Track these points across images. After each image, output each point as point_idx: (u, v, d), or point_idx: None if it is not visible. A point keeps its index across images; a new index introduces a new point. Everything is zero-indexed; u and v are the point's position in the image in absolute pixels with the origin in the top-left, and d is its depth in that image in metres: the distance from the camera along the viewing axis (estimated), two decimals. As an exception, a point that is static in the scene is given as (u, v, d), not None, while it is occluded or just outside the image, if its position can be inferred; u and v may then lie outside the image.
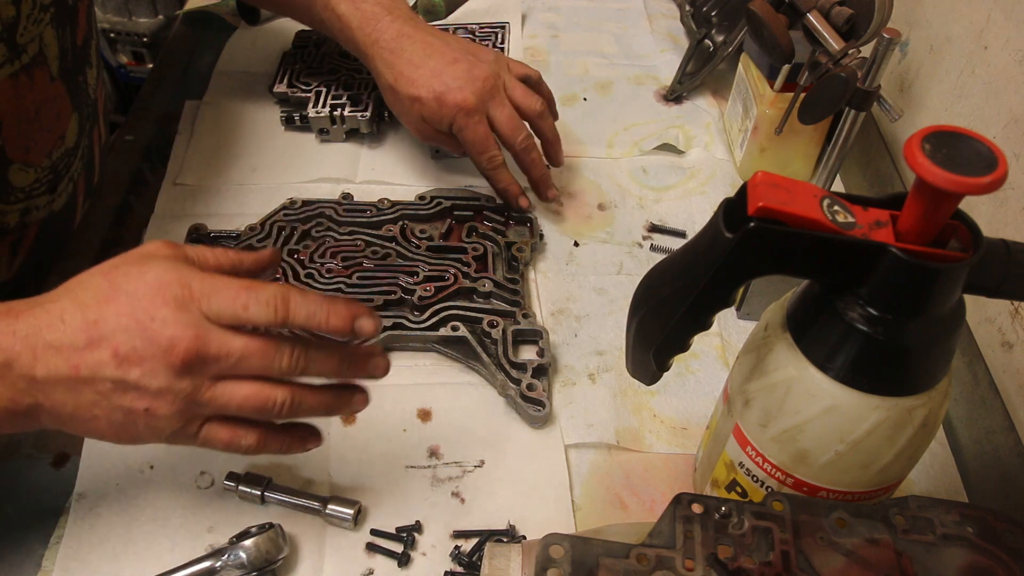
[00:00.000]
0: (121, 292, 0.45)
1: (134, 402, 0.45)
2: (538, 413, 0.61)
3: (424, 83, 0.72)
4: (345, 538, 0.55)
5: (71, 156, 0.64)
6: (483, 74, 0.73)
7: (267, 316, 0.46)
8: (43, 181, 0.61)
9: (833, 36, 0.65)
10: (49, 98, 0.60)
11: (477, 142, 0.73)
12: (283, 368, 0.47)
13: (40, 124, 0.60)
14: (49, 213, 0.63)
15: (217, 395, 0.46)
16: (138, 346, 0.44)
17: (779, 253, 0.38)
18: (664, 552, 0.40)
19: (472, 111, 0.72)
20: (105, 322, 0.45)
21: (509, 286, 0.69)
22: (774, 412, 0.44)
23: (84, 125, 0.66)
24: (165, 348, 0.44)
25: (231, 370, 0.46)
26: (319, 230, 0.73)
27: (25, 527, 0.56)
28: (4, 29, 0.54)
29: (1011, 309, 0.65)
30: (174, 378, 0.45)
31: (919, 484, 0.60)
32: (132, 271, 0.46)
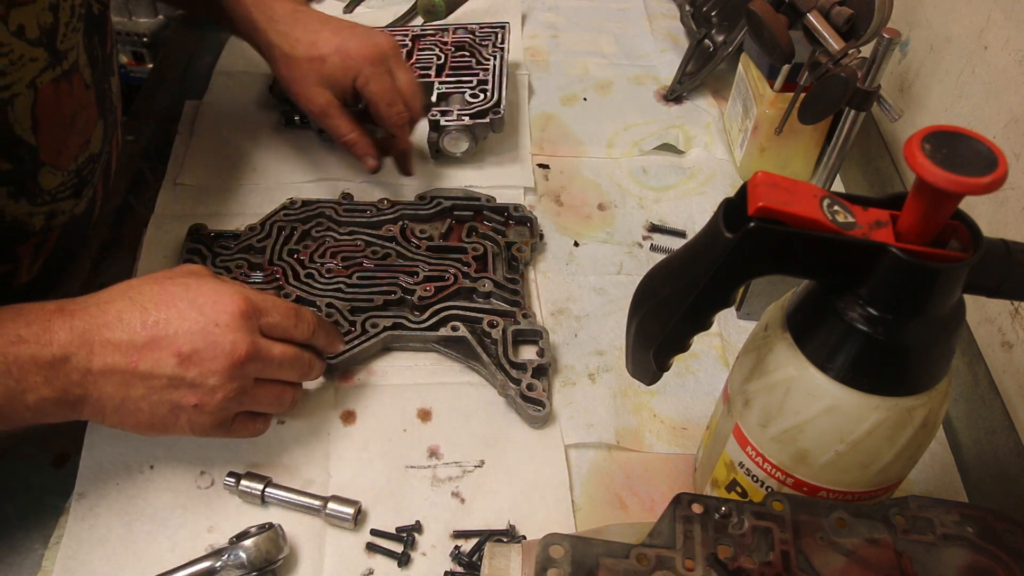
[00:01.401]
0: (180, 299, 0.51)
1: (184, 398, 0.51)
2: (538, 413, 0.61)
3: (325, 42, 0.72)
4: (345, 538, 0.55)
5: (95, 162, 0.66)
6: (383, 36, 0.74)
7: (305, 335, 0.57)
8: (68, 185, 0.62)
9: (833, 36, 0.65)
10: (83, 105, 0.62)
11: (385, 93, 0.73)
12: (302, 374, 0.57)
13: (74, 129, 0.61)
14: (71, 218, 0.64)
15: (256, 394, 0.54)
16: (200, 347, 0.50)
17: (779, 253, 0.38)
18: (664, 552, 0.40)
19: (378, 62, 0.72)
20: (168, 323, 0.50)
21: (509, 286, 0.69)
22: (774, 412, 0.44)
23: (107, 132, 0.67)
24: (228, 351, 0.51)
25: (271, 374, 0.55)
26: (319, 230, 0.73)
27: (25, 527, 0.56)
28: (43, 34, 0.55)
29: (1011, 309, 0.65)
30: (228, 378, 0.51)
31: (919, 484, 0.60)
32: (190, 282, 0.53)
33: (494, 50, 0.89)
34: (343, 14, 1.05)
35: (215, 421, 0.53)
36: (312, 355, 0.58)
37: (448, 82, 0.85)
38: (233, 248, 0.71)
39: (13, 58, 0.53)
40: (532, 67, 0.98)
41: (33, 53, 0.54)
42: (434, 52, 0.89)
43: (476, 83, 0.84)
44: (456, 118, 0.79)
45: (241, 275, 0.69)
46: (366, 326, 0.65)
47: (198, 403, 0.51)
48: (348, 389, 0.64)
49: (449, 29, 0.93)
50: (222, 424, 0.54)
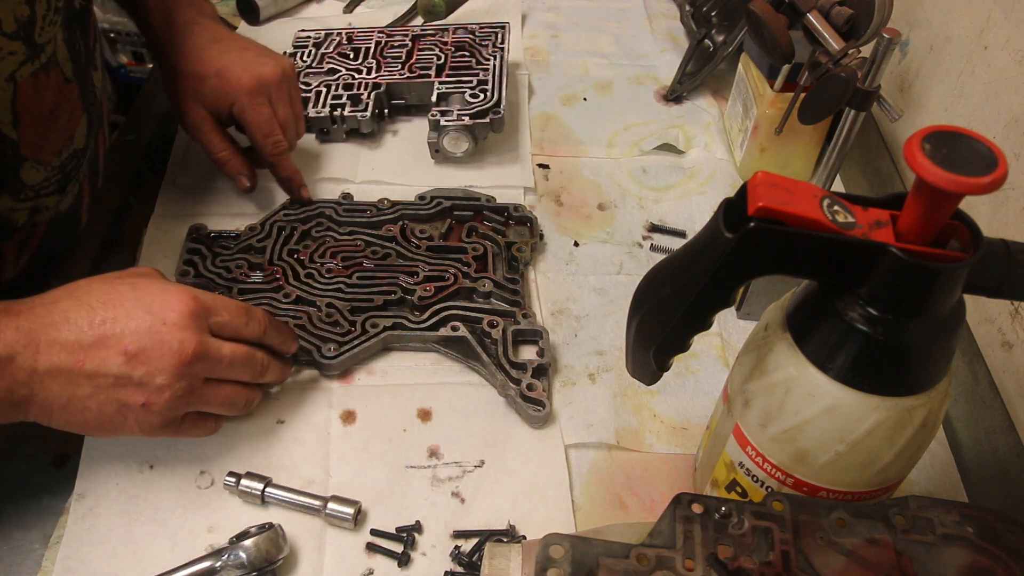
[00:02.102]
0: (128, 298, 0.51)
1: (131, 397, 0.50)
2: (538, 413, 0.61)
3: (208, 62, 0.71)
4: (345, 538, 0.55)
5: (79, 157, 0.65)
6: (271, 64, 0.73)
7: (256, 333, 0.57)
8: (52, 181, 0.62)
9: (833, 36, 0.65)
10: (64, 99, 0.61)
11: (261, 124, 0.72)
12: (255, 374, 0.57)
13: (54, 124, 0.61)
14: (56, 214, 0.64)
15: (206, 393, 0.54)
16: (147, 346, 0.50)
17: (779, 253, 0.38)
18: (664, 552, 0.40)
19: (256, 92, 0.71)
20: (115, 322, 0.50)
21: (509, 286, 0.69)
22: (774, 412, 0.44)
23: (92, 127, 0.67)
24: (175, 350, 0.51)
25: (221, 374, 0.55)
26: (319, 230, 0.73)
27: (25, 527, 0.56)
28: (20, 28, 0.55)
29: (1011, 309, 0.65)
30: (176, 377, 0.51)
31: (919, 484, 0.60)
32: (138, 282, 0.53)
33: (494, 50, 0.89)
34: (343, 14, 1.05)
35: (163, 421, 0.53)
36: (267, 356, 0.58)
37: (448, 82, 0.85)
38: (233, 248, 0.71)
39: None
40: (532, 67, 0.98)
41: (11, 47, 0.54)
42: (434, 52, 0.89)
43: (476, 83, 0.84)
44: (456, 118, 0.79)
45: (241, 275, 0.69)
46: (366, 326, 0.65)
47: (146, 402, 0.51)
48: (348, 389, 0.64)
49: (449, 29, 0.93)
50: (171, 424, 0.53)
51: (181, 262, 0.70)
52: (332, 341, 0.64)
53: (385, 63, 0.89)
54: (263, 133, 0.72)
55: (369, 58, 0.89)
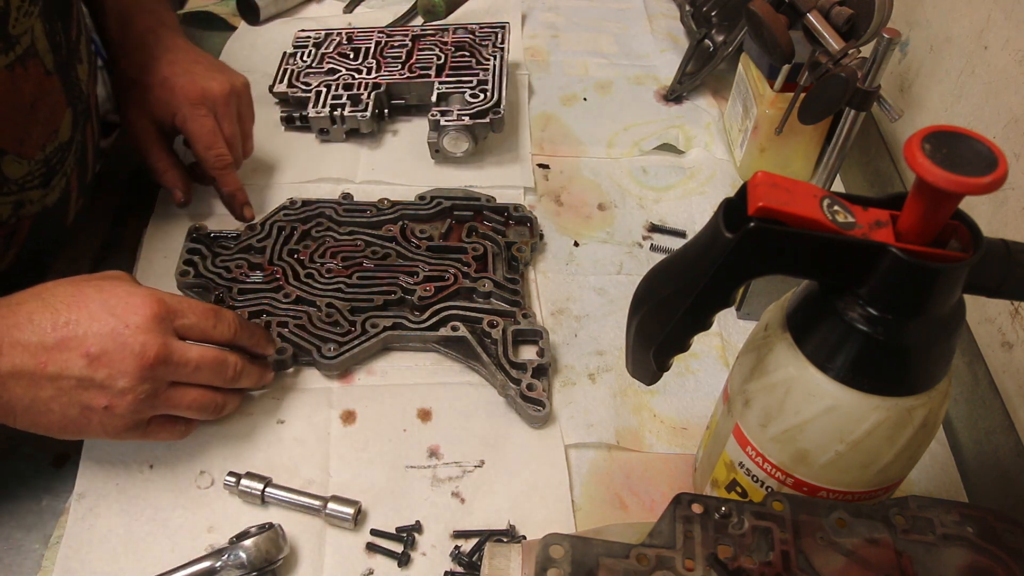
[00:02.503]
0: (92, 300, 0.51)
1: (94, 399, 0.50)
2: (538, 413, 0.61)
3: (156, 71, 0.71)
4: (345, 538, 0.55)
5: (65, 151, 0.65)
6: (220, 79, 0.72)
7: (226, 336, 0.57)
8: (36, 175, 0.61)
9: (833, 36, 0.65)
10: (45, 92, 0.61)
11: (203, 135, 0.70)
12: (226, 379, 0.56)
13: (35, 117, 0.60)
14: (43, 208, 0.64)
15: (171, 397, 0.54)
16: (109, 348, 0.50)
17: (779, 253, 0.38)
18: (664, 552, 0.40)
19: (199, 103, 0.70)
20: (78, 324, 0.50)
21: (509, 286, 0.69)
22: (774, 412, 0.44)
23: (78, 120, 0.66)
24: (137, 352, 0.50)
25: (186, 378, 0.54)
26: (319, 230, 0.73)
27: (25, 527, 0.56)
28: None
29: (1011, 309, 0.65)
30: (138, 380, 0.51)
31: (919, 484, 0.60)
32: (103, 285, 0.52)
33: (494, 50, 0.89)
34: (343, 14, 1.05)
35: (127, 424, 0.52)
36: (241, 359, 0.57)
37: (448, 82, 0.85)
38: (233, 248, 0.71)
39: None
40: (532, 67, 0.98)
41: None
42: (434, 52, 0.89)
43: (476, 83, 0.84)
44: (456, 118, 0.79)
45: (241, 275, 0.69)
46: (366, 326, 0.65)
47: (108, 405, 0.51)
48: (348, 389, 0.64)
49: (449, 29, 0.93)
50: (136, 426, 0.53)
51: (181, 262, 0.70)
52: (332, 341, 0.64)
53: (385, 63, 0.89)
54: (204, 145, 0.71)
55: (369, 58, 0.89)
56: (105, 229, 0.76)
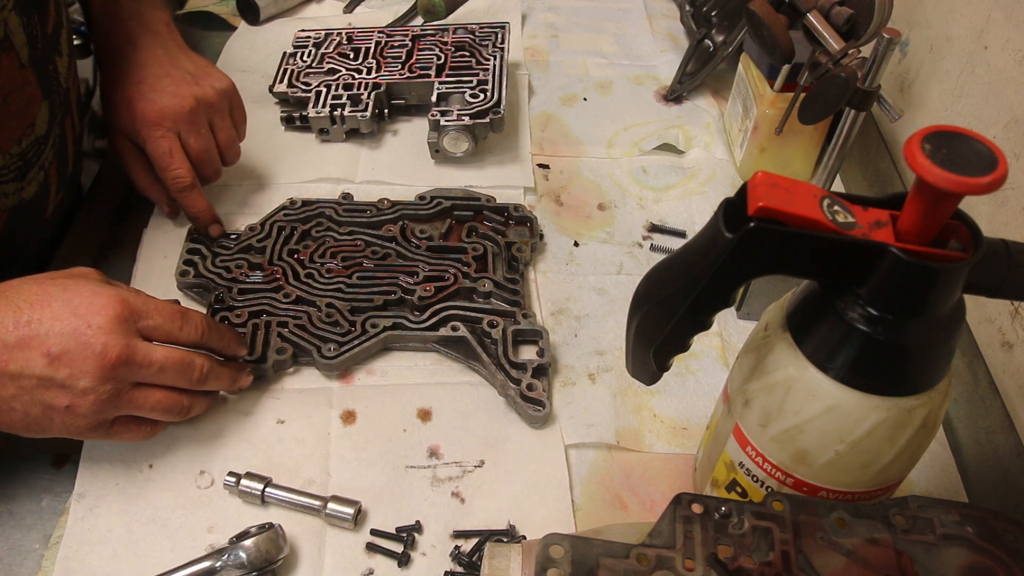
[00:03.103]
0: (56, 299, 0.50)
1: (56, 399, 0.50)
2: (538, 413, 0.61)
3: (123, 89, 0.69)
4: (345, 538, 0.55)
5: (42, 144, 0.64)
6: (181, 95, 0.69)
7: (192, 338, 0.56)
8: (12, 168, 0.61)
9: (833, 36, 0.65)
10: (18, 85, 0.60)
11: (158, 158, 0.69)
12: (192, 381, 0.56)
13: (8, 110, 0.60)
14: (19, 201, 0.63)
15: (134, 398, 0.53)
16: (71, 348, 0.49)
17: (779, 253, 0.38)
18: (664, 552, 0.40)
19: (155, 125, 0.68)
20: (40, 323, 0.49)
21: (509, 286, 0.69)
22: (774, 412, 0.44)
23: (55, 114, 0.66)
24: (98, 353, 0.50)
25: (150, 379, 0.54)
26: (319, 230, 0.73)
27: (25, 527, 0.56)
28: None
29: (1011, 309, 0.65)
30: (100, 381, 0.50)
31: (919, 484, 0.60)
32: (68, 284, 0.52)
33: (494, 50, 0.89)
34: (343, 14, 1.05)
35: (90, 424, 0.52)
36: (210, 362, 0.57)
37: (448, 82, 0.85)
38: (233, 248, 0.72)
39: None
40: (532, 67, 0.98)
41: None
42: (434, 52, 0.89)
43: (476, 83, 0.84)
44: (456, 118, 0.79)
45: (241, 275, 0.69)
46: (366, 326, 0.65)
47: (70, 404, 0.50)
48: (348, 389, 0.64)
49: (449, 29, 0.93)
50: (99, 426, 0.53)
51: (181, 262, 0.70)
52: (332, 341, 0.64)
53: (385, 63, 0.89)
54: (160, 167, 0.70)
55: (369, 58, 0.89)
56: (105, 229, 0.76)
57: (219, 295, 0.67)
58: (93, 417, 0.52)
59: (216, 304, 0.67)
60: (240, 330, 0.64)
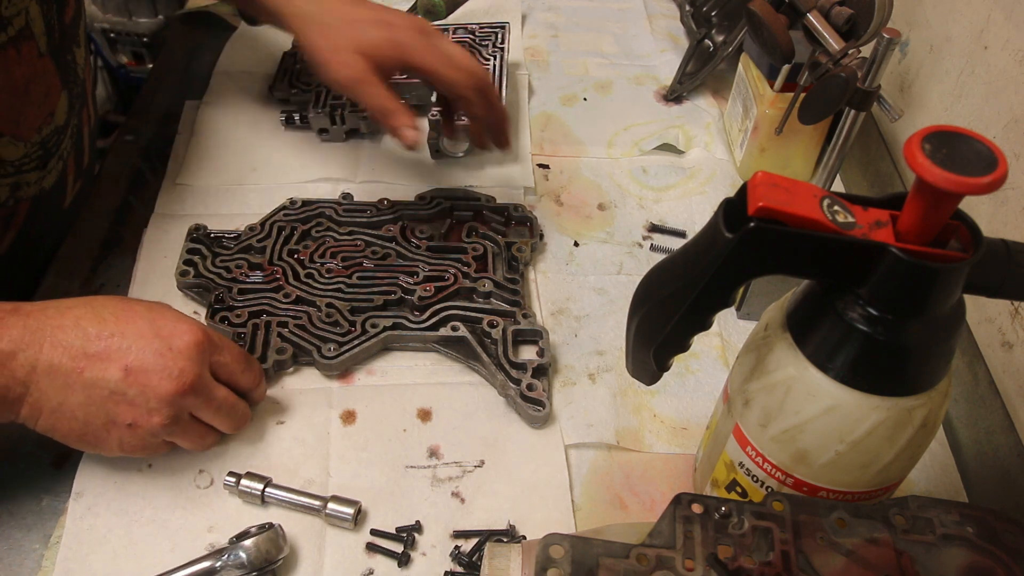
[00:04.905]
0: (141, 317, 0.51)
1: (121, 414, 0.51)
2: (538, 413, 0.61)
3: (362, 11, 0.67)
4: (345, 538, 0.55)
5: (61, 134, 0.65)
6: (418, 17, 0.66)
7: (250, 384, 0.58)
8: (33, 157, 0.61)
9: (833, 36, 0.65)
10: (38, 73, 0.60)
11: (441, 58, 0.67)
12: (230, 426, 0.57)
13: (29, 99, 0.60)
14: (40, 190, 0.64)
15: (187, 429, 0.54)
16: (149, 366, 0.50)
17: (779, 253, 0.38)
18: (664, 552, 0.40)
19: (422, 33, 0.67)
20: (123, 336, 0.50)
21: (509, 286, 0.69)
22: (774, 412, 0.44)
23: (74, 104, 0.66)
24: (175, 376, 0.51)
25: (206, 414, 0.55)
26: (319, 230, 0.73)
27: (25, 527, 0.56)
28: None
29: (1011, 309, 0.65)
30: (168, 404, 0.51)
31: (919, 484, 0.60)
32: (152, 305, 0.53)
33: (494, 50, 0.89)
34: (343, 14, 1.05)
35: (144, 444, 0.53)
36: (247, 409, 0.59)
37: (448, 82, 0.85)
38: (233, 248, 0.71)
39: None
40: (532, 67, 0.98)
41: None
42: (434, 52, 0.89)
43: (476, 83, 0.84)
44: (456, 118, 0.79)
45: (241, 275, 0.69)
46: (366, 326, 0.65)
47: (133, 422, 0.51)
48: (348, 389, 0.64)
49: (449, 29, 0.93)
50: (147, 448, 0.54)
51: (181, 262, 0.70)
52: (332, 341, 0.64)
53: (385, 63, 0.88)
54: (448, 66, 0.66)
55: (369, 58, 0.89)
56: (105, 229, 0.76)
57: (219, 295, 0.67)
58: (149, 439, 0.53)
59: (216, 304, 0.67)
60: (240, 330, 0.64)
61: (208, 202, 0.78)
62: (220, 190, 0.79)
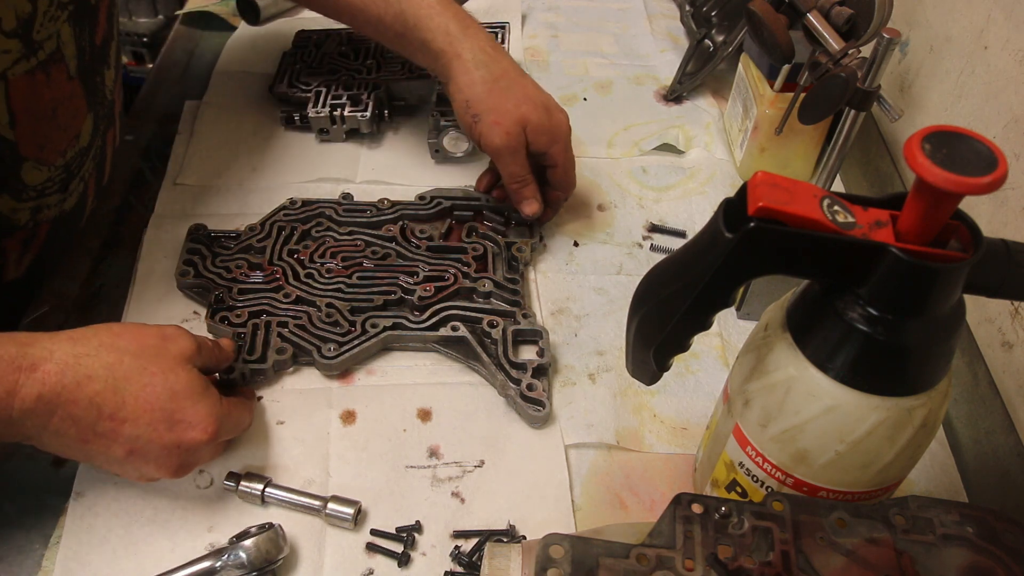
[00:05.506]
0: (159, 409, 0.51)
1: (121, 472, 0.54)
2: (538, 413, 0.61)
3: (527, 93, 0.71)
4: (345, 538, 0.55)
5: (84, 156, 0.65)
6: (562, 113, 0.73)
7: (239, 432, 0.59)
8: (56, 180, 0.61)
9: (833, 36, 0.65)
10: (66, 96, 0.60)
11: (571, 161, 0.73)
12: None
13: (56, 123, 0.60)
14: (60, 212, 0.64)
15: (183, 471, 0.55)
16: (153, 455, 0.52)
17: (779, 253, 0.38)
18: (664, 552, 0.40)
19: (567, 132, 0.72)
20: (136, 423, 0.50)
21: (509, 286, 0.69)
22: (774, 412, 0.44)
23: (99, 125, 0.66)
24: (176, 467, 0.53)
25: None
26: (319, 230, 0.73)
27: (25, 527, 0.56)
28: (20, 25, 0.54)
29: (1011, 309, 0.65)
30: (163, 475, 0.53)
31: (919, 484, 0.60)
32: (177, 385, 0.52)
33: (494, 50, 0.89)
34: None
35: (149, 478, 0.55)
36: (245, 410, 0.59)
37: (448, 82, 0.85)
38: (233, 248, 0.71)
39: None
40: (532, 67, 0.98)
41: (7, 45, 0.53)
42: (434, 52, 0.89)
43: (476, 83, 0.84)
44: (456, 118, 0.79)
45: (241, 275, 0.69)
46: (366, 326, 0.65)
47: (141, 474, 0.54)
48: (348, 389, 0.64)
49: (449, 29, 0.93)
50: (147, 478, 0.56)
51: (181, 262, 0.70)
52: (332, 341, 0.64)
53: (385, 63, 0.89)
54: (567, 168, 0.73)
55: (369, 58, 0.89)
56: (105, 229, 0.76)
57: (219, 295, 0.67)
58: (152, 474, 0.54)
59: (216, 304, 0.67)
60: (240, 330, 0.64)
61: (208, 202, 0.78)
62: (220, 190, 0.79)
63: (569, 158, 0.73)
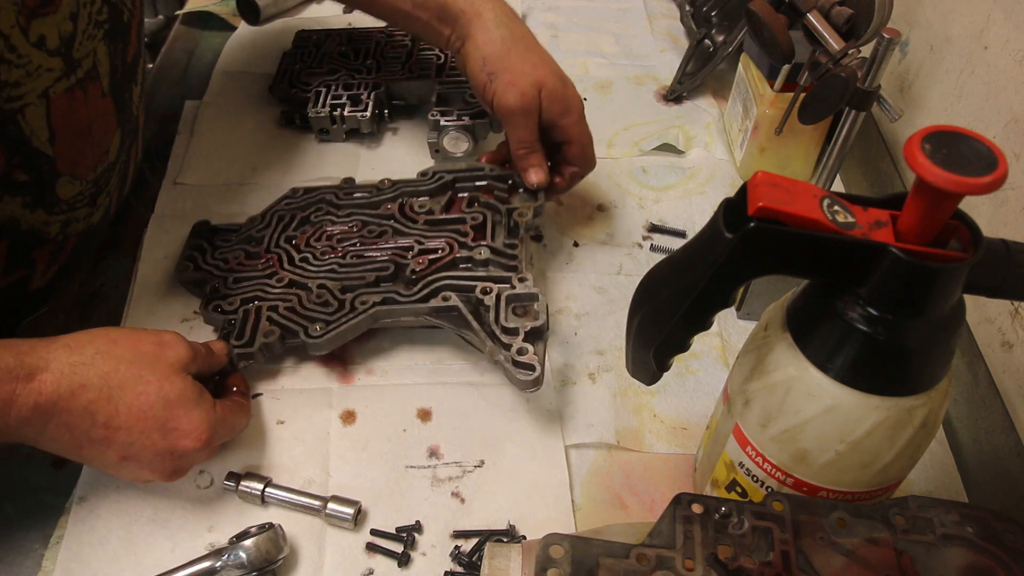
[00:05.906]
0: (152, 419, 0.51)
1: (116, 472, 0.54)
2: (527, 377, 0.57)
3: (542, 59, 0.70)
4: (345, 538, 0.55)
5: (111, 170, 0.65)
6: None
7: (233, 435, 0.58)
8: (86, 194, 0.62)
9: (833, 36, 0.65)
10: (99, 113, 0.61)
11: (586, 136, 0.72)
12: None
13: (91, 139, 0.61)
14: (88, 226, 0.64)
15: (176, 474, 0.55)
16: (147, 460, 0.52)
17: (779, 253, 0.38)
18: (664, 552, 0.40)
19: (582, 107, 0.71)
20: (130, 432, 0.51)
21: (507, 251, 0.66)
22: (774, 412, 0.44)
23: (125, 141, 0.67)
24: (169, 473, 0.53)
25: None
26: (318, 215, 0.71)
27: (25, 527, 0.56)
28: (62, 44, 0.55)
29: (1011, 309, 0.65)
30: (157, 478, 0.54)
31: (919, 484, 0.60)
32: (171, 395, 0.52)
33: (494, 50, 0.89)
34: (343, 14, 1.05)
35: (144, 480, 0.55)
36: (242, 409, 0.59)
37: (448, 82, 0.85)
38: (234, 240, 0.71)
39: (30, 69, 0.53)
40: (532, 67, 0.97)
41: (50, 63, 0.54)
42: (434, 52, 0.89)
43: (476, 83, 0.83)
44: (456, 118, 0.79)
45: (237, 264, 0.68)
46: (355, 303, 0.63)
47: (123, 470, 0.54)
48: (348, 389, 0.64)
49: (449, 29, 0.93)
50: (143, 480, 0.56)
51: (183, 257, 0.69)
52: (319, 320, 0.62)
53: (385, 63, 0.89)
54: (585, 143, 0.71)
55: (369, 58, 0.89)
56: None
57: (215, 285, 0.66)
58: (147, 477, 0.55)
59: (211, 294, 0.66)
60: (231, 317, 0.64)
61: (208, 202, 0.78)
62: (220, 190, 0.79)
63: (585, 132, 0.71)
